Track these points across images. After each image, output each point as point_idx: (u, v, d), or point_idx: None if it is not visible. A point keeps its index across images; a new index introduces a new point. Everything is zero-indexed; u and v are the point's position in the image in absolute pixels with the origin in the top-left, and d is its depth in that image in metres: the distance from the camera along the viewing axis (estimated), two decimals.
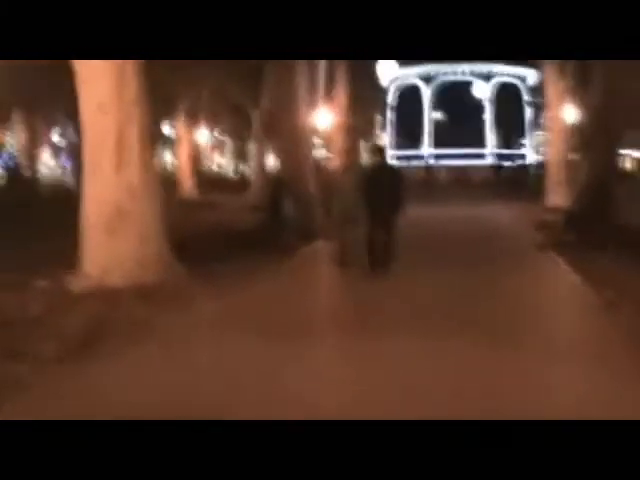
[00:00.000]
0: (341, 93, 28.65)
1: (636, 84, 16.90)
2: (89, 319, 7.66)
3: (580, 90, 18.22)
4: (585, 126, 18.09)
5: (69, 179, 37.57)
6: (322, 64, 21.62)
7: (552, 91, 26.19)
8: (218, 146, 61.30)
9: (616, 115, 17.11)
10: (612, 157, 17.74)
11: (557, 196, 25.76)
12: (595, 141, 17.20)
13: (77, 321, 7.56)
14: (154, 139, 11.58)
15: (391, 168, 13.75)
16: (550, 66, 26.10)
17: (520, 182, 34.34)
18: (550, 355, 6.53)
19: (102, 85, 9.52)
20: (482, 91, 43.82)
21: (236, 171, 56.45)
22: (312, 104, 20.95)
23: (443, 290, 10.10)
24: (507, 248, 15.48)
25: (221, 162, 63.15)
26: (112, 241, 9.64)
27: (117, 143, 9.62)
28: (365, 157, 50.44)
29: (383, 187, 11.35)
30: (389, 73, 46.84)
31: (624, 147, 19.44)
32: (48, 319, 7.71)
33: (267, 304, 9.23)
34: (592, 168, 17.18)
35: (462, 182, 37.95)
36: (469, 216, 23.59)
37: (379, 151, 13.05)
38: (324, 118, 25.13)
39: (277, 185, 16.76)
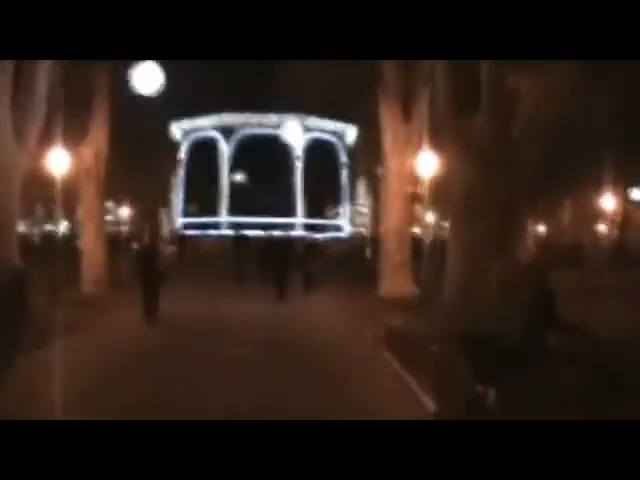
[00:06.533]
0: (97, 134, 19.91)
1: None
2: None
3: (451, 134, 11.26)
4: (461, 183, 10.87)
5: None
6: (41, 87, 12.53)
7: (391, 140, 19.19)
8: None
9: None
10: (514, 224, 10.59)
11: (397, 282, 18.82)
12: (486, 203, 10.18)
13: None
14: None
15: None
16: (387, 108, 19.22)
17: (342, 262, 26.71)
18: None
19: None
20: (294, 138, 35.19)
21: None
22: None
23: None
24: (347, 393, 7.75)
25: None
26: None
27: None
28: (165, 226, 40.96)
29: None
30: (182, 123, 38.54)
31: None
32: None
33: None
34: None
35: (266, 261, 28.01)
36: (273, 317, 15.40)
37: None
38: (59, 164, 16.41)
39: None
